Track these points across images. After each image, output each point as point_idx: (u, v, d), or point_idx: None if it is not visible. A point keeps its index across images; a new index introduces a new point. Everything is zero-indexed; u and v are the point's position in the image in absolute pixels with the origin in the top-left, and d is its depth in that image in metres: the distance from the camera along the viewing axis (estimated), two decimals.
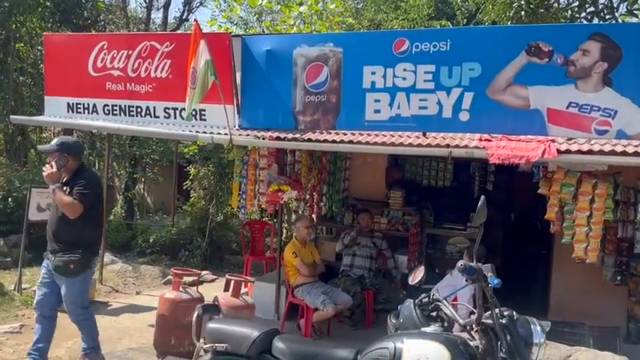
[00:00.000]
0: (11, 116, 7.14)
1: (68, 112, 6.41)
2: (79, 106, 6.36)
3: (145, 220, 11.34)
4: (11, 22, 9.95)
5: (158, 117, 6.03)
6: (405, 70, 4.95)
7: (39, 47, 10.89)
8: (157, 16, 14.28)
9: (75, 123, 6.54)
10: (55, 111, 6.49)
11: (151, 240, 8.97)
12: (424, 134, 4.87)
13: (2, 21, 9.67)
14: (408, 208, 7.08)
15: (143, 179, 12.96)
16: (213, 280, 7.89)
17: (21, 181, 8.67)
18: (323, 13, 9.57)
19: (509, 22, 8.18)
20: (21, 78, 10.89)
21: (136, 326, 5.72)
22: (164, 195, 13.92)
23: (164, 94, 5.97)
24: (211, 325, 2.57)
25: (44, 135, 13.07)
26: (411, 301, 2.54)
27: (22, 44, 10.79)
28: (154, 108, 6.04)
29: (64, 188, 3.97)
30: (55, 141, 4.20)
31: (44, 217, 6.58)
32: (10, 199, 8.38)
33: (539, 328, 2.31)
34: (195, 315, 2.63)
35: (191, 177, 9.28)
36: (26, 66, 11.03)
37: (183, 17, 14.16)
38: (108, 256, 7.93)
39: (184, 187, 9.73)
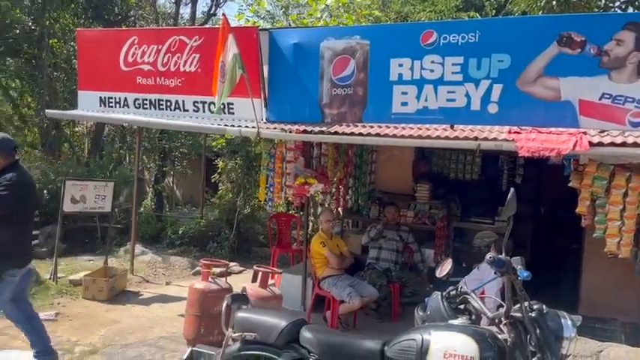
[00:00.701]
0: (46, 110, 7.35)
1: (100, 106, 6.56)
2: (110, 100, 6.50)
3: (174, 213, 11.54)
4: (45, 18, 10.20)
5: (187, 110, 6.13)
6: (432, 62, 4.92)
7: (72, 43, 11.15)
8: (185, 11, 14.46)
9: (107, 117, 6.70)
10: (88, 105, 6.65)
11: (180, 232, 9.12)
12: (452, 127, 4.84)
13: (36, 17, 9.93)
14: (434, 202, 7.04)
15: (172, 172, 13.18)
16: (240, 272, 8.00)
17: (55, 174, 8.92)
18: (350, 6, 9.54)
19: (539, 13, 8.02)
20: (55, 73, 11.17)
21: (166, 315, 5.85)
22: (192, 188, 14.14)
23: (193, 88, 6.06)
24: (240, 314, 2.62)
25: (77, 129, 13.41)
26: (439, 293, 2.54)
27: (56, 40, 11.05)
28: (183, 102, 6.15)
29: None
30: None
31: (78, 208, 6.81)
32: (45, 191, 8.63)
33: (569, 322, 2.29)
34: (224, 304, 2.68)
35: (219, 170, 9.39)
36: (60, 61, 11.30)
37: (211, 12, 14.29)
38: (138, 248, 8.11)
39: (213, 180, 9.85)
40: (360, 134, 5.03)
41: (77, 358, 4.51)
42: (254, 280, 4.40)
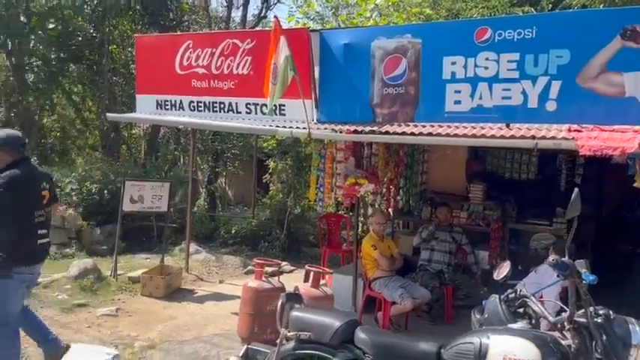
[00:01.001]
0: (107, 114, 7.67)
1: (157, 109, 6.78)
2: (166, 103, 6.71)
3: (226, 212, 11.77)
4: (105, 25, 10.65)
5: (240, 112, 6.24)
6: (487, 59, 4.80)
7: (129, 49, 11.59)
8: (236, 14, 14.72)
9: (163, 119, 6.91)
10: (146, 108, 6.89)
11: (233, 231, 9.31)
12: (508, 125, 4.70)
13: (97, 25, 10.37)
14: (489, 202, 6.87)
15: (224, 173, 13.45)
16: (291, 271, 8.06)
17: (115, 175, 9.28)
18: (400, 5, 9.45)
19: (601, 6, 7.68)
20: (114, 78, 11.65)
21: (220, 313, 5.98)
22: (244, 188, 14.38)
23: (245, 90, 6.17)
24: (295, 313, 2.65)
25: (134, 131, 13.92)
26: (497, 296, 2.47)
27: (115, 46, 11.52)
28: (236, 104, 6.26)
29: None
30: None
31: (137, 208, 7.05)
32: (105, 192, 8.99)
33: (638, 328, 2.18)
34: (279, 303, 2.71)
35: (270, 171, 9.52)
36: (118, 67, 11.77)
37: (261, 14, 14.50)
38: (193, 246, 8.31)
39: (264, 181, 9.99)
40: (412, 134, 4.97)
41: (137, 353, 4.67)
42: (306, 279, 4.42)
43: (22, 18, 10.44)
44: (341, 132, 5.40)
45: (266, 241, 9.14)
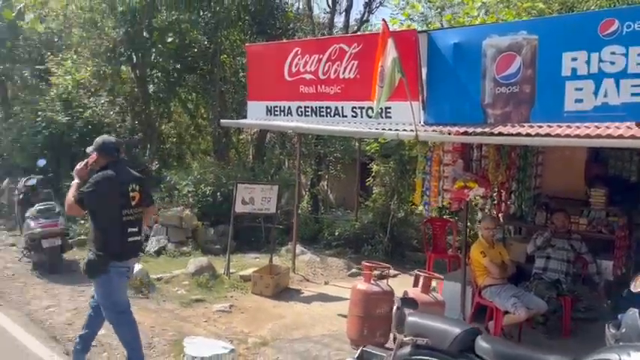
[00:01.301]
0: (221, 120, 8.11)
1: (267, 114, 7.04)
2: (276, 108, 6.95)
3: (328, 215, 11.96)
4: (217, 37, 11.27)
5: (346, 116, 6.30)
6: (613, 53, 4.43)
7: (239, 58, 12.17)
8: (338, 20, 14.92)
9: (272, 124, 7.17)
10: (256, 114, 7.18)
11: (336, 233, 9.42)
12: (638, 124, 4.31)
13: (210, 36, 11.00)
14: (612, 208, 6.33)
15: (327, 176, 13.67)
16: (395, 276, 7.97)
17: (227, 178, 9.78)
18: (510, 1, 9.04)
19: None
20: (224, 86, 12.29)
21: (327, 314, 6.07)
22: (345, 191, 14.53)
23: (351, 94, 6.22)
24: (411, 318, 2.62)
25: (242, 137, 14.59)
26: (636, 311, 2.27)
27: (226, 56, 12.15)
28: (342, 108, 6.33)
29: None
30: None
31: (248, 209, 7.37)
32: (218, 194, 9.51)
33: None
34: (394, 307, 2.69)
35: (373, 174, 9.52)
36: (228, 75, 12.40)
37: (364, 18, 14.57)
38: (298, 248, 8.53)
39: (366, 184, 10.02)
40: (528, 135, 4.71)
41: (251, 349, 4.88)
42: (415, 284, 4.36)
43: (144, 34, 11.35)
44: (449, 133, 5.27)
45: (369, 244, 9.14)
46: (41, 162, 8.04)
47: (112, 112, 10.86)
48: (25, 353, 4.53)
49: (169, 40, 11.79)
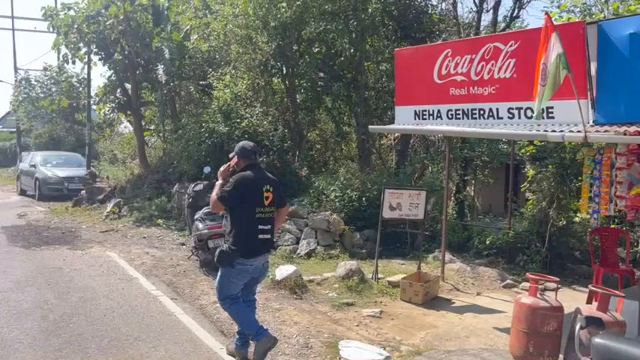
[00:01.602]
0: (369, 127, 8.19)
1: (415, 119, 6.95)
2: (424, 112, 6.83)
3: (477, 222, 11.44)
4: (362, 44, 11.43)
5: (501, 118, 5.99)
6: None
7: (384, 64, 12.22)
8: (484, 18, 14.26)
9: (422, 129, 7.05)
10: (404, 119, 7.13)
11: (487, 242, 8.96)
12: None
13: (356, 44, 11.18)
14: None
15: (473, 181, 13.10)
16: (555, 289, 7.36)
17: (372, 183, 9.84)
18: None
19: None
20: (367, 93, 12.42)
21: (481, 327, 5.78)
22: (492, 196, 13.79)
23: (508, 94, 5.90)
24: (600, 340, 2.34)
25: (382, 142, 14.60)
26: None
27: (370, 63, 12.27)
28: (497, 109, 6.03)
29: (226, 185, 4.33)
30: None
31: (395, 215, 7.33)
32: (363, 199, 9.61)
33: None
34: (577, 327, 2.44)
35: (529, 179, 8.89)
36: (372, 82, 12.50)
37: (514, 15, 13.73)
38: (447, 255, 8.26)
39: (521, 189, 9.39)
40: None
41: (405, 357, 4.81)
42: (589, 301, 3.94)
43: (294, 46, 11.91)
44: (626, 134, 4.72)
45: (524, 254, 8.55)
46: (207, 169, 8.83)
47: (265, 122, 11.54)
48: (197, 344, 4.95)
49: (316, 50, 12.25)
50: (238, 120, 11.34)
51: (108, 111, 16.44)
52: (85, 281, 6.90)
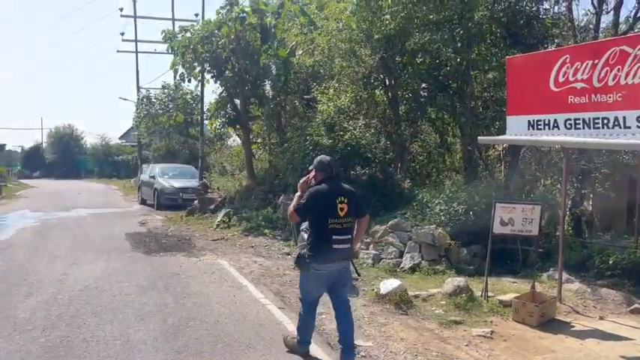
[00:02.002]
0: (479, 137, 7.89)
1: (529, 129, 6.60)
2: (539, 122, 6.47)
3: (598, 240, 10.55)
4: (468, 52, 11.11)
5: (629, 127, 5.51)
6: None
7: (492, 72, 11.75)
8: (603, 20, 13.23)
9: (537, 140, 6.68)
10: (517, 129, 6.79)
11: (610, 261, 8.20)
12: None
13: (462, 53, 10.88)
14: None
15: (591, 195, 12.12)
16: None
17: (480, 196, 9.46)
18: None
19: None
20: (472, 103, 11.99)
21: (606, 354, 5.30)
22: (613, 212, 12.65)
23: (637, 101, 5.41)
24: None
25: (489, 153, 13.99)
26: None
27: (477, 71, 11.87)
28: (624, 118, 5.57)
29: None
30: None
31: (507, 230, 6.99)
32: (470, 213, 9.26)
33: None
34: None
35: None
36: (479, 91, 12.07)
37: (638, 15, 12.61)
38: (564, 275, 7.71)
39: None
40: None
41: None
42: None
43: (397, 57, 11.86)
44: None
45: None
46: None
47: (367, 134, 11.58)
48: (305, 356, 5.02)
49: (419, 61, 12.09)
50: (341, 133, 11.48)
51: (219, 126, 17.40)
52: (199, 287, 7.31)
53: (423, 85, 12.22)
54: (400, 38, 11.46)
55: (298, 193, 4.77)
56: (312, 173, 4.78)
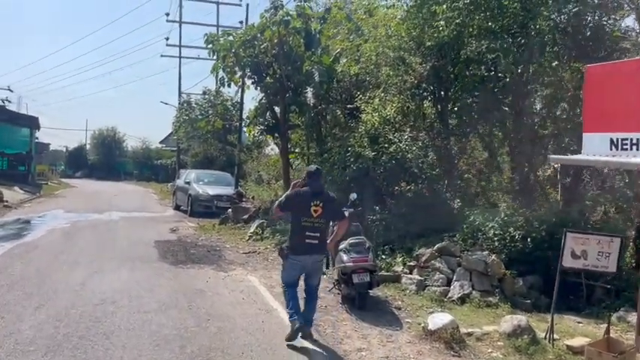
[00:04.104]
0: (551, 156, 6.96)
1: (611, 149, 5.66)
2: (625, 141, 5.53)
3: None
4: (529, 65, 10.19)
5: None
6: None
7: (549, 88, 10.76)
8: None
9: (626, 162, 5.71)
10: (595, 148, 5.85)
11: None
12: None
13: (522, 63, 9.97)
14: None
15: None
16: None
17: (539, 222, 8.49)
18: None
19: None
20: (529, 119, 11.01)
21: None
22: None
23: None
24: None
25: (547, 173, 12.88)
26: None
27: (538, 85, 10.90)
28: None
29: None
30: None
31: (579, 265, 6.06)
32: (528, 239, 8.29)
33: None
34: None
35: None
36: (539, 107, 11.09)
37: None
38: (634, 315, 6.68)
39: None
40: None
41: None
42: None
43: (449, 67, 11.02)
44: None
45: None
46: (353, 196, 8.23)
47: (414, 148, 10.73)
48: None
49: (472, 72, 11.22)
50: (386, 145, 10.69)
51: (257, 133, 16.87)
52: (225, 309, 6.60)
53: (476, 97, 11.29)
54: (453, 46, 10.63)
55: (288, 192, 5.87)
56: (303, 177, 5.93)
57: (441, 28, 10.33)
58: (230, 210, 15.55)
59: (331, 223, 6.30)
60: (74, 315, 5.91)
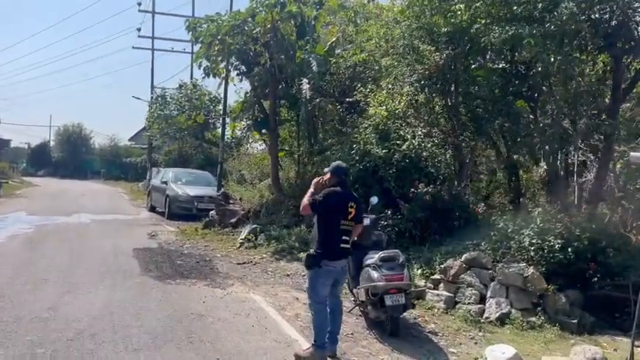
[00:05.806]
0: (633, 154, 5.94)
1: None
2: None
3: None
4: (556, 55, 9.23)
5: None
6: None
7: (576, 79, 9.86)
8: None
9: None
10: None
11: None
12: None
13: (552, 52, 9.00)
14: None
15: None
16: None
17: (581, 230, 7.52)
18: None
19: None
20: (555, 115, 10.09)
21: None
22: None
23: None
24: None
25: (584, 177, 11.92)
26: None
27: (556, 77, 9.98)
28: None
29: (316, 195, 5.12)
30: None
31: None
32: (569, 249, 7.30)
33: None
34: None
35: None
36: (563, 103, 10.15)
37: None
38: None
39: None
40: None
41: None
42: None
43: (463, 57, 10.00)
44: None
45: None
46: (374, 199, 7.02)
47: (429, 145, 9.66)
48: None
49: (490, 63, 10.24)
50: (398, 142, 9.58)
51: (243, 129, 15.56)
52: (234, 341, 5.31)
53: (496, 90, 10.29)
54: (470, 33, 9.58)
55: (311, 190, 5.19)
56: (327, 176, 5.22)
57: (460, 12, 9.29)
58: (213, 212, 14.21)
59: None
60: (43, 357, 4.54)
